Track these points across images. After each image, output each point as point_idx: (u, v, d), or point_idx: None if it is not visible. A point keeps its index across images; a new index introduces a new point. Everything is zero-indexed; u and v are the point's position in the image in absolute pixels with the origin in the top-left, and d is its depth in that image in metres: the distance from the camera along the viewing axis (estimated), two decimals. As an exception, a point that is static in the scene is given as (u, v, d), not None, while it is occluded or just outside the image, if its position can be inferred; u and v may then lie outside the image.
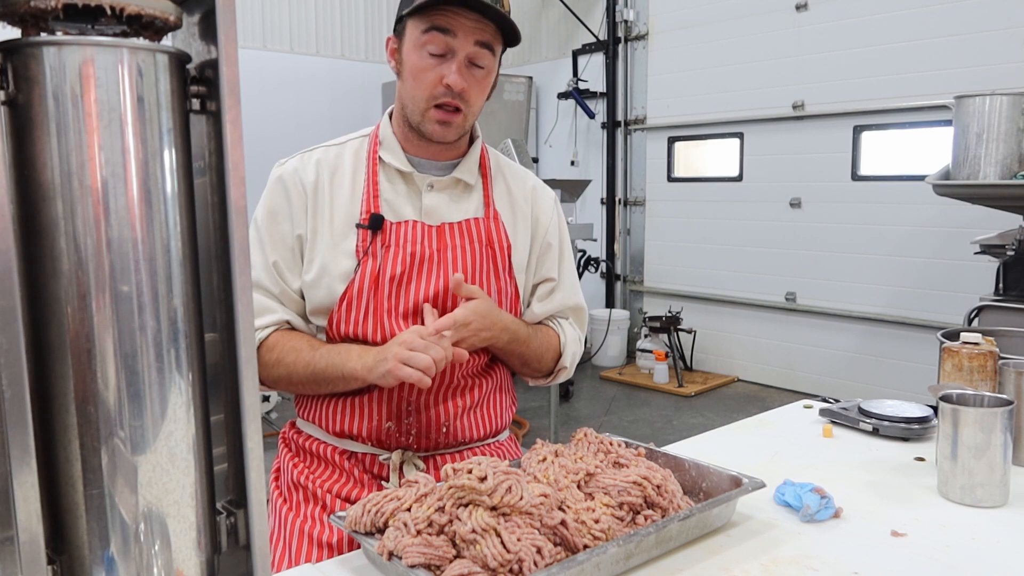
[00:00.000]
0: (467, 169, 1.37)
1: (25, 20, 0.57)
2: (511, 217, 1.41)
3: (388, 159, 1.33)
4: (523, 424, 4.89)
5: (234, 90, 0.59)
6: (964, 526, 1.20)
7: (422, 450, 1.35)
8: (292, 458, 1.42)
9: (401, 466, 1.32)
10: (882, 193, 5.11)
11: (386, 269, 1.29)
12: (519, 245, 1.41)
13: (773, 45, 5.59)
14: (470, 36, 1.23)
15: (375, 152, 1.34)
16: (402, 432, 1.32)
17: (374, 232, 1.29)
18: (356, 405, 1.32)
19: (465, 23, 1.22)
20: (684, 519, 1.07)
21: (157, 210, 0.58)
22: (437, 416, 1.33)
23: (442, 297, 1.31)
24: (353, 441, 1.35)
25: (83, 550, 0.58)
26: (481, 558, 0.92)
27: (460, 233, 1.34)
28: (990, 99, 2.99)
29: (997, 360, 1.51)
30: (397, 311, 1.30)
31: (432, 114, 1.27)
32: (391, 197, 1.33)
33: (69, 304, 0.56)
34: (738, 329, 6.08)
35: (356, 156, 1.36)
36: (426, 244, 1.31)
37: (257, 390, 0.62)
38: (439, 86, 1.25)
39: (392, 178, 1.34)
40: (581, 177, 6.57)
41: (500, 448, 1.47)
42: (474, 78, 1.27)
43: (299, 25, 6.57)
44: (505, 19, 1.23)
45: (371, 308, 1.29)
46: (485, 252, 1.36)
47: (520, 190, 1.45)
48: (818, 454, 1.52)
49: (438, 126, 1.28)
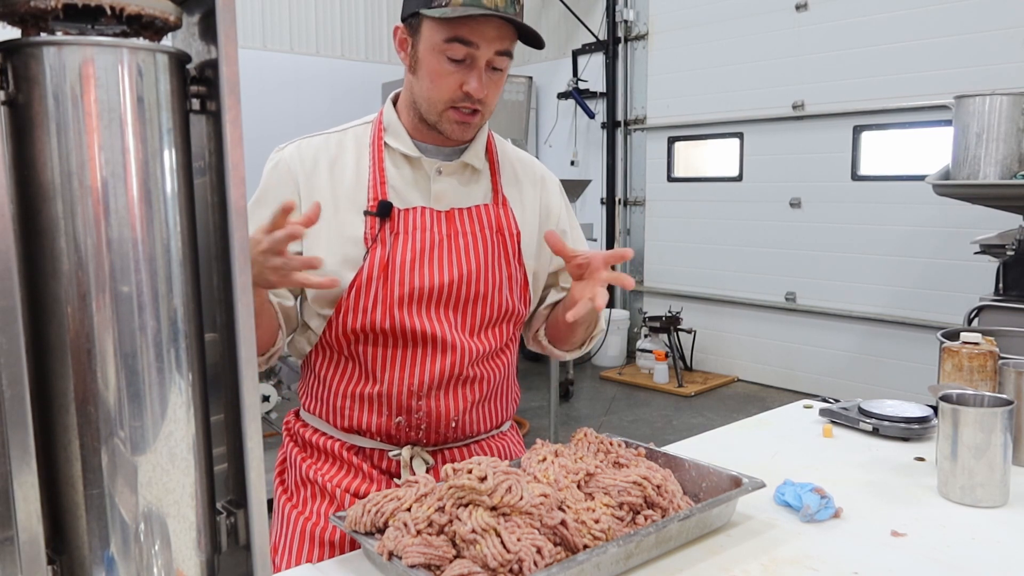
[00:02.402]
0: (475, 154, 1.36)
1: (25, 20, 0.57)
2: (519, 203, 1.41)
3: (395, 144, 1.32)
4: (523, 424, 4.89)
5: (234, 90, 0.59)
6: (964, 526, 1.19)
7: (431, 444, 1.35)
8: (299, 452, 1.41)
9: (411, 461, 1.32)
10: (882, 193, 5.11)
11: (395, 256, 1.28)
12: (527, 231, 1.40)
13: (773, 45, 5.59)
14: (492, 45, 1.22)
15: (380, 138, 1.33)
16: (412, 426, 1.32)
17: (382, 219, 1.28)
18: (365, 400, 1.31)
19: (488, 33, 1.20)
20: (684, 519, 1.07)
21: (157, 210, 0.58)
22: (447, 410, 1.32)
23: (456, 284, 1.30)
24: (361, 436, 1.34)
25: (83, 550, 0.58)
26: (481, 558, 0.92)
27: (470, 219, 1.34)
28: (990, 99, 2.99)
29: (997, 360, 1.51)
30: (410, 299, 1.28)
31: (450, 115, 1.27)
32: (397, 183, 1.32)
33: (69, 304, 0.56)
34: (738, 329, 6.08)
35: (359, 143, 1.35)
36: (436, 230, 1.31)
37: (257, 390, 0.62)
38: (458, 91, 1.24)
39: (398, 164, 1.33)
40: (581, 177, 6.57)
41: (504, 439, 1.47)
42: (491, 81, 1.26)
43: (299, 25, 6.57)
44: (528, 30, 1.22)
45: (381, 296, 1.28)
46: (496, 239, 1.35)
47: (528, 176, 1.45)
48: (818, 454, 1.52)
49: (457, 126, 1.28)
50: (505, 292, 1.35)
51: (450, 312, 1.31)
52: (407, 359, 1.30)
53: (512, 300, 1.37)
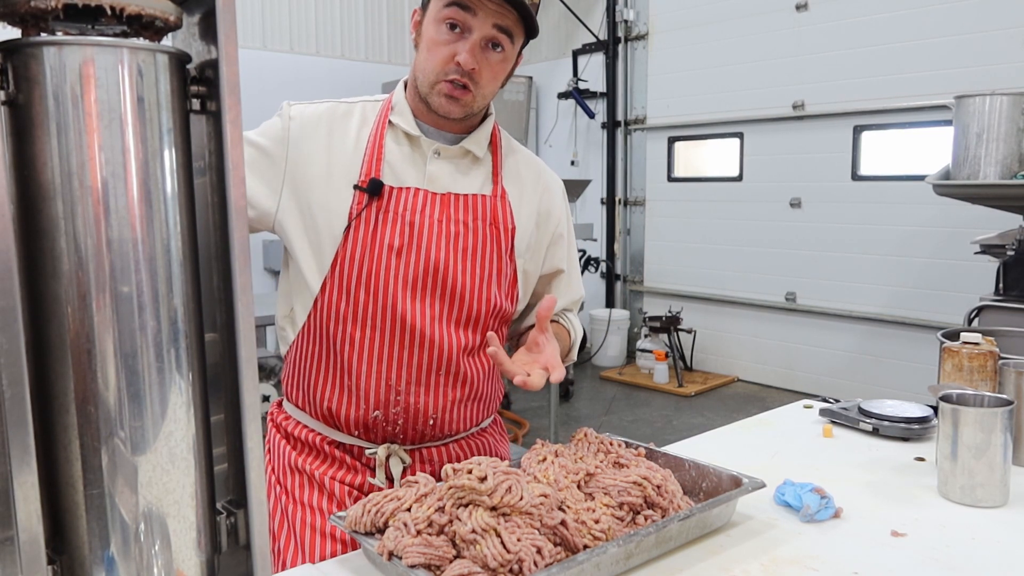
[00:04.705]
0: (476, 141, 1.36)
1: (25, 20, 0.57)
2: (518, 199, 1.39)
3: (397, 121, 1.32)
4: (523, 424, 4.89)
5: (234, 90, 0.59)
6: (964, 526, 1.19)
7: (408, 443, 1.34)
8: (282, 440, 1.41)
9: (387, 460, 1.32)
10: (882, 193, 5.11)
11: (383, 237, 1.27)
12: (523, 228, 1.38)
13: (773, 45, 5.59)
14: (490, 18, 1.22)
15: (385, 115, 1.34)
16: (388, 421, 1.31)
17: (371, 197, 1.27)
18: (344, 388, 1.30)
19: (488, 4, 1.21)
20: (684, 519, 1.07)
21: (157, 210, 0.58)
22: (426, 406, 1.31)
23: (442, 271, 1.29)
24: (340, 432, 1.34)
25: (83, 550, 0.58)
26: (481, 558, 0.92)
27: (465, 207, 1.32)
28: (990, 99, 2.99)
29: (997, 360, 1.51)
30: (396, 282, 1.27)
31: (441, 87, 1.26)
32: (395, 159, 1.31)
33: (69, 304, 0.56)
34: (738, 329, 6.08)
35: (365, 116, 1.35)
36: (427, 213, 1.29)
37: (257, 390, 0.62)
38: (451, 63, 1.24)
39: (399, 140, 1.33)
40: (581, 177, 6.57)
41: (484, 437, 1.46)
42: (488, 61, 1.26)
43: (299, 25, 6.57)
44: (526, 8, 1.23)
45: (365, 277, 1.26)
46: (489, 231, 1.33)
47: (530, 174, 1.44)
48: (818, 454, 1.52)
49: (445, 99, 1.27)
50: (493, 287, 1.33)
51: (436, 302, 1.29)
52: (385, 349, 1.28)
53: (499, 296, 1.34)
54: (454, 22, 1.23)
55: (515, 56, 1.32)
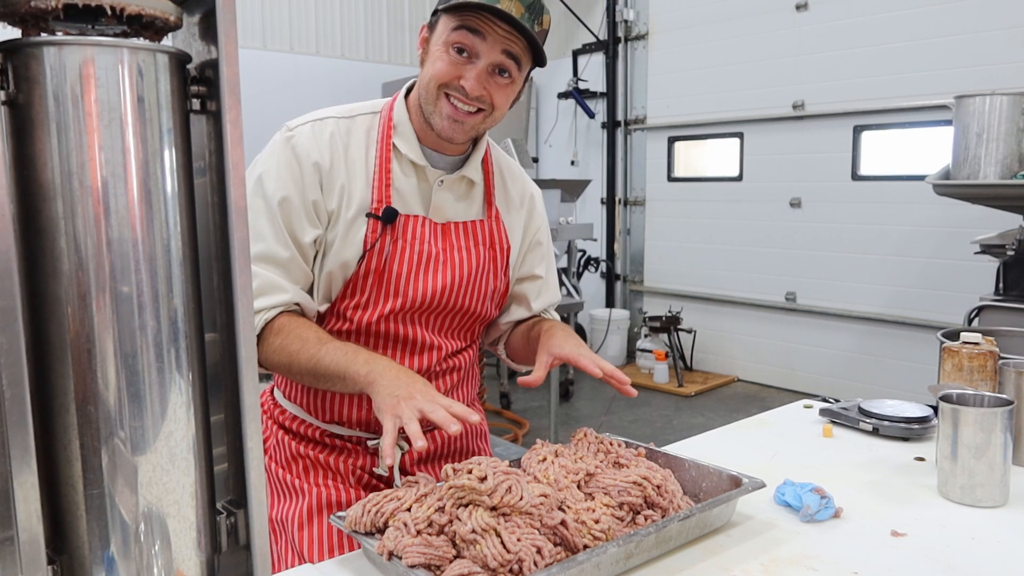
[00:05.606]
0: (474, 167, 1.38)
1: (25, 20, 0.57)
2: (507, 217, 1.44)
3: (404, 149, 1.31)
4: (523, 424, 4.89)
5: (234, 90, 0.59)
6: (964, 526, 1.19)
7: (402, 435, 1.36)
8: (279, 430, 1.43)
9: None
10: (882, 193, 5.11)
11: (393, 264, 1.29)
12: (515, 244, 1.45)
13: (773, 45, 5.59)
14: (499, 44, 1.22)
15: (388, 136, 1.32)
16: None
17: (385, 225, 1.28)
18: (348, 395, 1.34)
19: (497, 31, 1.21)
20: (684, 519, 1.07)
21: (157, 210, 0.58)
22: None
23: (444, 296, 1.33)
24: (340, 426, 1.37)
25: (83, 550, 0.58)
26: (481, 558, 0.92)
27: (465, 234, 1.36)
28: (990, 99, 2.99)
29: (997, 360, 1.51)
30: (402, 307, 1.31)
31: (442, 106, 1.25)
32: (401, 185, 1.32)
33: (69, 304, 0.56)
34: (738, 329, 6.08)
35: (367, 135, 1.33)
36: (433, 242, 1.33)
37: (257, 390, 0.62)
38: (455, 79, 1.23)
39: (405, 169, 1.33)
40: (581, 177, 6.57)
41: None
42: (497, 84, 1.25)
43: (299, 25, 6.57)
44: (535, 39, 1.22)
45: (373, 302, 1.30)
46: (487, 254, 1.39)
47: (517, 192, 1.47)
48: (818, 454, 1.52)
49: (448, 122, 1.26)
50: (487, 302, 1.41)
51: (435, 320, 1.37)
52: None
53: (492, 309, 1.44)
54: (462, 47, 1.22)
55: (522, 82, 1.31)
